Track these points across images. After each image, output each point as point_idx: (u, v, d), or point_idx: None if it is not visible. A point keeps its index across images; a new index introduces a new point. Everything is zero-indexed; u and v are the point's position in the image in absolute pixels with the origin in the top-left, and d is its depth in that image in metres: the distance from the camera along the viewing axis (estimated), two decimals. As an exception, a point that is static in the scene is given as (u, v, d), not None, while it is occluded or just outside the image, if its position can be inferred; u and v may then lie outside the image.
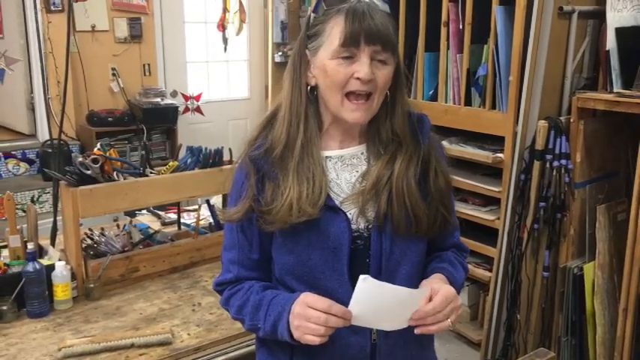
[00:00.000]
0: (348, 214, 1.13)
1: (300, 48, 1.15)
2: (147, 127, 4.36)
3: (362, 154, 1.18)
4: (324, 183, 1.12)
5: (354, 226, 1.13)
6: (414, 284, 1.17)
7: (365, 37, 1.06)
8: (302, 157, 1.12)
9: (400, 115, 1.16)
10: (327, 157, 1.16)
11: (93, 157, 1.94)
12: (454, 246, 1.28)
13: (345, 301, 1.11)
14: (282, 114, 1.15)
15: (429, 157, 1.17)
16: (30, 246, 1.85)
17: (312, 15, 1.13)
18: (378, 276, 1.12)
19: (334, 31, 1.08)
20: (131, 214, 2.68)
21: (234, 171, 1.20)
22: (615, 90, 2.43)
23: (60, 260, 1.89)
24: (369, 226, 1.13)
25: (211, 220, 2.39)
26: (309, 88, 1.15)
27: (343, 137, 1.17)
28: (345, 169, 1.17)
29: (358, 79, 1.07)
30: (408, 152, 1.15)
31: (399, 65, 1.15)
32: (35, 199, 3.82)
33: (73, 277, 1.90)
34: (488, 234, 2.81)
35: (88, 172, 1.92)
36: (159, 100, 4.45)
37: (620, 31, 2.47)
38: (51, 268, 1.84)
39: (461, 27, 2.83)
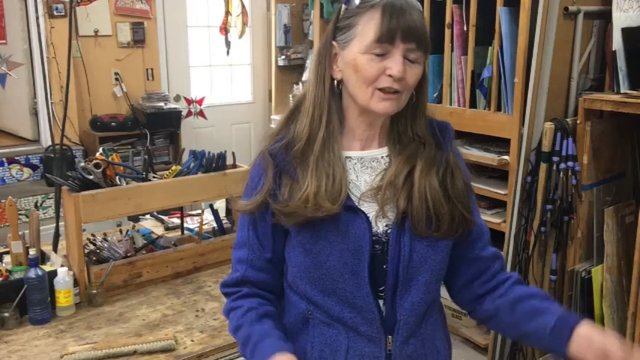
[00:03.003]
0: (367, 215, 1.10)
1: (327, 40, 1.13)
2: (150, 132, 4.35)
3: (382, 157, 1.16)
4: (344, 180, 1.10)
5: (373, 229, 1.10)
6: (431, 294, 1.15)
7: (402, 35, 1.04)
8: (322, 152, 1.10)
9: (422, 116, 1.15)
10: (347, 157, 1.14)
11: (95, 162, 1.92)
12: (494, 255, 1.22)
13: (363, 307, 1.09)
14: (307, 106, 1.14)
15: (448, 162, 1.15)
16: (32, 252, 1.83)
17: (344, 7, 1.10)
18: (395, 283, 1.10)
19: (369, 26, 1.05)
20: (134, 218, 2.66)
21: (252, 164, 1.18)
22: (622, 91, 2.40)
23: (62, 266, 1.87)
24: (388, 230, 1.11)
25: (215, 225, 2.37)
26: (335, 81, 1.13)
27: (365, 138, 1.15)
28: (364, 171, 1.15)
29: (390, 76, 1.05)
30: (431, 153, 1.13)
31: (425, 65, 1.13)
32: (39, 204, 3.81)
33: (76, 283, 1.89)
34: (494, 237, 2.77)
35: (91, 177, 1.91)
36: (162, 104, 4.44)
37: (627, 32, 2.45)
38: (53, 274, 1.82)
39: (465, 29, 2.82)
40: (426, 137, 1.14)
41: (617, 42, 2.44)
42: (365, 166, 1.15)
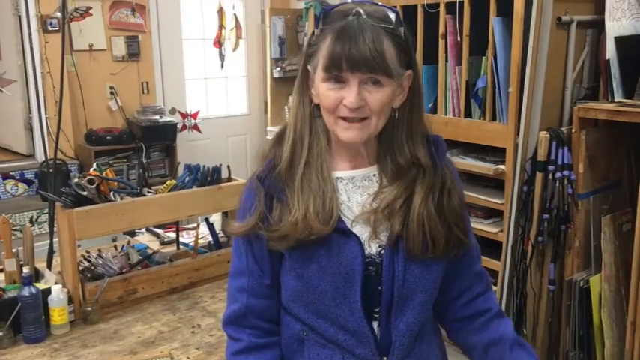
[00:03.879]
0: (360, 237, 1.07)
1: (303, 65, 1.10)
2: (146, 145, 4.35)
3: (374, 175, 1.12)
4: (334, 201, 1.06)
5: (366, 251, 1.08)
6: (427, 312, 1.14)
7: (347, 63, 0.99)
8: (308, 174, 1.07)
9: (420, 138, 1.10)
10: (337, 178, 1.11)
11: (89, 177, 1.91)
12: (477, 274, 1.21)
13: (356, 331, 1.08)
14: (288, 132, 1.11)
15: (444, 179, 1.12)
16: (26, 270, 1.81)
17: (314, 31, 1.08)
18: (389, 304, 1.08)
19: (323, 54, 1.03)
20: (130, 233, 2.65)
21: (244, 188, 1.16)
22: (616, 99, 2.41)
23: (56, 283, 1.86)
24: (381, 251, 1.08)
25: (210, 239, 2.36)
26: (312, 105, 1.10)
27: (353, 157, 1.12)
28: (356, 192, 1.11)
29: (346, 105, 1.02)
30: (429, 178, 1.09)
31: (414, 83, 1.08)
32: (34, 219, 3.79)
33: (70, 300, 1.87)
34: (492, 246, 2.78)
35: (84, 193, 1.89)
36: (157, 117, 4.44)
37: (620, 40, 2.45)
38: (47, 292, 1.80)
39: (459, 39, 2.82)
40: (426, 162, 1.09)
41: (610, 51, 2.45)
42: (356, 186, 1.12)
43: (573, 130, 2.46)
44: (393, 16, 1.04)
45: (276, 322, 1.19)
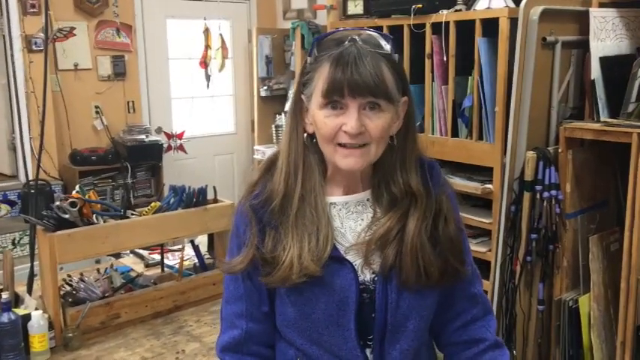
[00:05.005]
0: (353, 264, 1.06)
1: (297, 94, 1.08)
2: (131, 165, 4.29)
3: (367, 200, 1.11)
4: (330, 235, 1.05)
5: (359, 278, 1.06)
6: (421, 339, 1.11)
7: (349, 89, 0.98)
8: (302, 210, 1.05)
9: (413, 165, 1.08)
10: (331, 203, 1.10)
11: (71, 200, 1.87)
12: (472, 297, 1.18)
13: (350, 359, 1.06)
14: (280, 163, 1.09)
15: (440, 205, 1.09)
16: (5, 295, 1.76)
17: (308, 59, 1.06)
18: (383, 331, 1.06)
19: (320, 81, 1.01)
20: (115, 255, 2.60)
21: (234, 216, 1.13)
22: (602, 119, 2.42)
23: (37, 309, 1.81)
24: (375, 278, 1.06)
25: (196, 261, 2.32)
26: (305, 135, 1.08)
27: (347, 183, 1.10)
28: (349, 217, 1.10)
29: (346, 132, 1.00)
30: (422, 207, 1.07)
31: (409, 109, 1.08)
32: (16, 241, 3.72)
33: (51, 326, 1.82)
34: (480, 266, 2.75)
35: (66, 215, 1.86)
36: (143, 137, 4.40)
37: (605, 60, 2.47)
38: (27, 318, 1.75)
39: (445, 59, 2.83)
40: (417, 189, 1.07)
41: (595, 71, 2.46)
42: (350, 212, 1.10)
43: (560, 150, 2.46)
44: (388, 42, 1.04)
45: (273, 348, 1.17)
